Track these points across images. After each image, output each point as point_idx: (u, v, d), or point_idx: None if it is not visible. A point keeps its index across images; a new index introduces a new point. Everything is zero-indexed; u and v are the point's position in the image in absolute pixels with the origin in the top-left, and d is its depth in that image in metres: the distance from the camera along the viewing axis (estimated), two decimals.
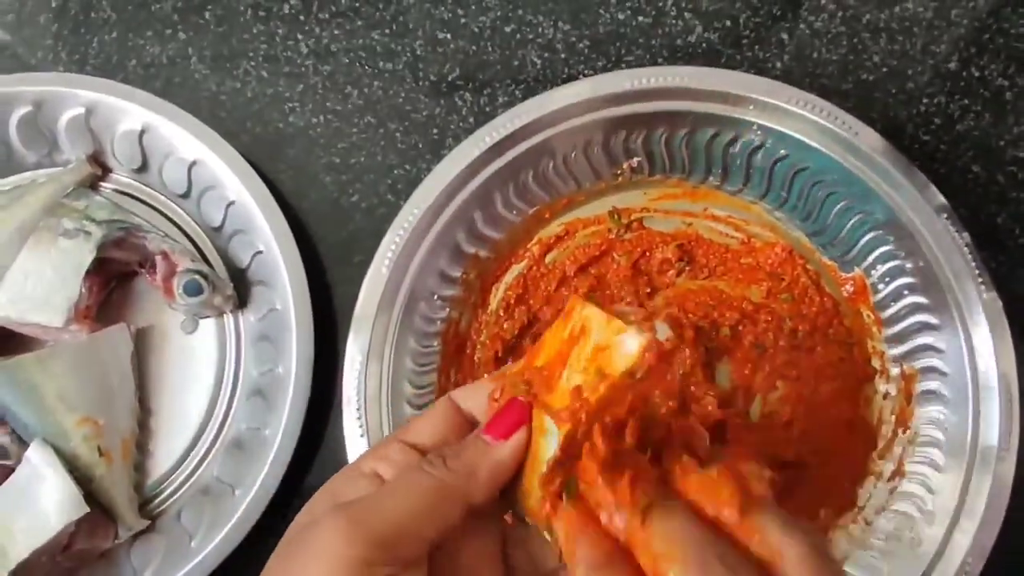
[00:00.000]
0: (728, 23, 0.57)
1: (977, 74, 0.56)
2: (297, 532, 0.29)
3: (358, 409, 0.49)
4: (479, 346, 0.54)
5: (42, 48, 0.59)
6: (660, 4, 0.57)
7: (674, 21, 0.57)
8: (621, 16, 0.57)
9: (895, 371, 0.51)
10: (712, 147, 0.52)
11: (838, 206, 0.52)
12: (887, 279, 0.51)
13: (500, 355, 0.53)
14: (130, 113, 0.54)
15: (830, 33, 0.57)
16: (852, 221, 0.51)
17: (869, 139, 0.50)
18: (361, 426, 0.48)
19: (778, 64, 0.57)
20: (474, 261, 0.53)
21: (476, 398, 0.33)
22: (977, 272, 0.48)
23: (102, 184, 0.56)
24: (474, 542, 0.31)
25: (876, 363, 0.52)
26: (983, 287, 0.48)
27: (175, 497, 0.53)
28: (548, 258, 0.55)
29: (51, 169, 0.56)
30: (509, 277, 0.55)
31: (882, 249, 0.51)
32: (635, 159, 0.54)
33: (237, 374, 0.54)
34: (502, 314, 0.54)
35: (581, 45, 0.57)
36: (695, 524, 0.26)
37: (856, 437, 0.52)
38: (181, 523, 0.52)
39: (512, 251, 0.55)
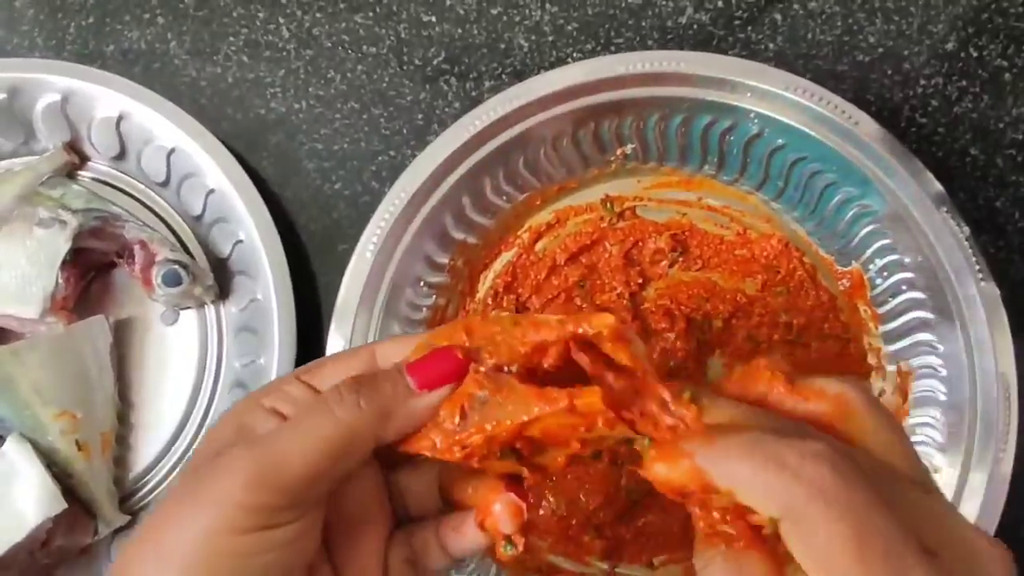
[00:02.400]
0: (720, 3, 0.56)
1: (975, 55, 0.55)
2: (201, 464, 0.27)
3: None
4: None
5: (18, 34, 0.58)
6: None
7: (664, 2, 0.56)
8: None
9: (891, 368, 0.50)
10: (708, 135, 0.51)
11: (836, 197, 0.50)
12: (885, 274, 0.50)
13: None
14: (107, 100, 0.53)
15: (824, 14, 0.55)
16: (850, 213, 0.50)
17: (868, 128, 0.48)
18: None
19: (771, 46, 0.55)
20: (462, 248, 0.52)
21: (403, 355, 0.30)
22: (977, 267, 0.47)
23: (80, 173, 0.55)
24: (364, 477, 0.30)
25: (872, 360, 0.51)
26: (982, 282, 0.47)
27: (156, 492, 0.52)
28: (538, 246, 0.54)
29: (27, 158, 0.55)
30: (498, 265, 0.54)
31: (880, 243, 0.50)
32: (628, 146, 0.52)
33: (219, 366, 0.53)
34: (490, 302, 0.53)
35: (569, 27, 0.56)
36: (743, 403, 0.26)
37: None
38: None
39: (501, 238, 0.54)
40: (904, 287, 0.49)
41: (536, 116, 0.50)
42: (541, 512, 0.51)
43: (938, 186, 0.47)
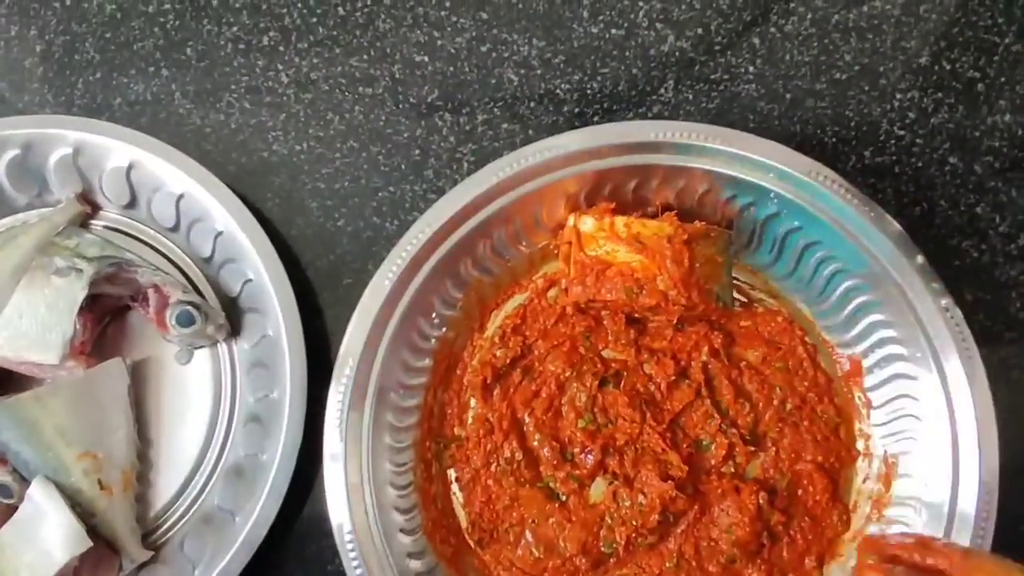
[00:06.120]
0: (700, 31, 0.58)
1: (948, 67, 0.57)
2: None
3: (341, 444, 0.49)
4: (470, 369, 0.54)
5: (28, 91, 0.60)
6: (632, 16, 0.58)
7: (647, 32, 0.58)
8: (594, 29, 0.58)
9: (879, 454, 0.51)
10: (727, 207, 0.52)
11: (843, 286, 0.51)
12: (882, 364, 0.51)
13: (489, 382, 0.53)
14: (116, 150, 0.55)
15: (800, 35, 0.58)
16: (856, 303, 0.51)
17: (887, 226, 0.49)
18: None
19: (751, 68, 0.57)
20: (476, 285, 0.53)
21: None
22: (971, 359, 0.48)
23: (93, 221, 0.57)
24: None
25: (861, 446, 0.52)
26: (976, 386, 0.47)
27: (177, 527, 0.54)
28: (550, 293, 0.55)
29: (42, 210, 0.57)
30: (509, 306, 0.55)
31: (881, 334, 0.51)
32: (648, 209, 0.53)
33: (234, 401, 0.55)
34: (497, 341, 0.54)
35: (556, 60, 0.58)
36: None
37: (829, 515, 0.52)
38: (184, 552, 0.52)
39: (514, 280, 0.55)
40: (899, 377, 0.50)
41: (549, 175, 0.50)
42: (519, 552, 0.51)
43: (945, 294, 0.48)
